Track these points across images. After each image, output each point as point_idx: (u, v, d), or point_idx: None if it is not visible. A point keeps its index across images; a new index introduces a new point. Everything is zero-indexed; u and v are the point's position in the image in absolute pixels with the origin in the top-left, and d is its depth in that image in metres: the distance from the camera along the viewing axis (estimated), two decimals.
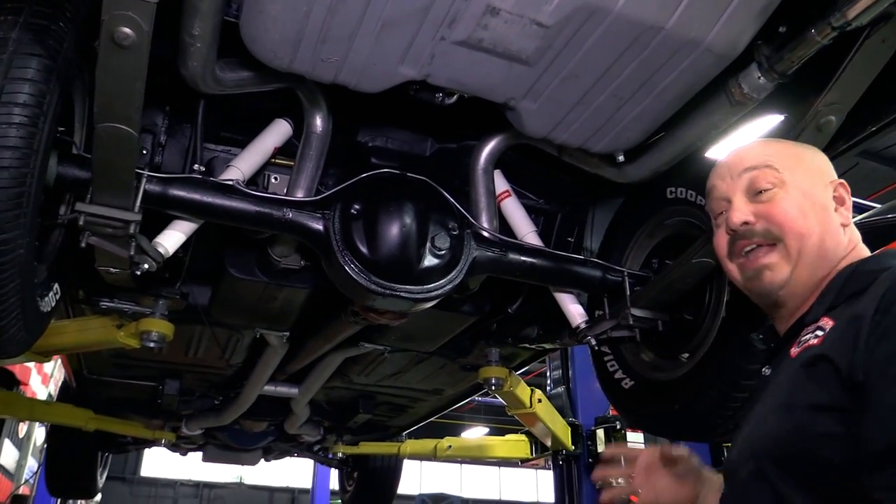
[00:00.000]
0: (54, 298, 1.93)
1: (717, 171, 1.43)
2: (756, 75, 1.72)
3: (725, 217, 1.37)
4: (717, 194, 1.40)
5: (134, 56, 1.39)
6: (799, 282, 1.28)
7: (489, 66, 1.63)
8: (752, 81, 1.73)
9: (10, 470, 11.72)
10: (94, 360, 3.47)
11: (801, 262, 1.27)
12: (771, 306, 1.33)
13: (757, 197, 1.33)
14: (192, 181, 1.91)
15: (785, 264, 1.28)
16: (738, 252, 1.33)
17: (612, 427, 5.20)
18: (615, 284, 2.36)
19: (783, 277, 1.27)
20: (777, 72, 1.69)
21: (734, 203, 1.34)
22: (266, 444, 5.19)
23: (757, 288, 1.31)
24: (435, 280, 2.05)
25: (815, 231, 1.29)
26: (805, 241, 1.28)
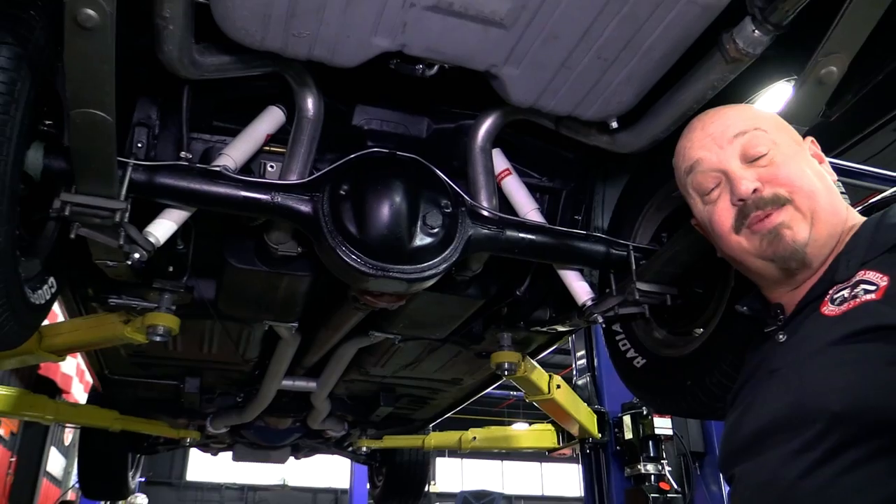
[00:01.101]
0: (49, 292, 1.94)
1: (696, 143, 1.35)
2: (750, 28, 1.63)
3: (723, 188, 1.29)
4: (706, 167, 1.31)
5: (99, 38, 1.38)
6: (820, 240, 1.20)
7: (464, 32, 1.58)
8: (746, 35, 1.64)
9: (58, 477, 12.04)
10: (113, 359, 3.51)
11: (817, 219, 1.20)
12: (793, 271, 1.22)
13: (755, 163, 1.26)
14: (178, 168, 1.90)
15: (801, 220, 1.20)
16: (751, 224, 1.24)
17: (638, 413, 5.10)
18: (621, 259, 2.29)
19: (805, 234, 1.19)
20: (772, 23, 1.60)
21: (734, 172, 1.26)
22: (293, 441, 5.21)
23: (780, 250, 1.20)
24: (429, 259, 2.01)
25: (820, 188, 1.23)
26: (815, 199, 1.21)
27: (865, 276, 1.07)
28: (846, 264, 1.14)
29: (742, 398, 1.27)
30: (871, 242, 1.13)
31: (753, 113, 1.33)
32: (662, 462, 4.95)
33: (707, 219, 1.34)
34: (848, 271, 1.12)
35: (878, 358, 0.97)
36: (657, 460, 4.96)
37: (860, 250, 1.13)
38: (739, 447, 1.19)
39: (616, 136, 2.07)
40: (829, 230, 1.20)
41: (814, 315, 1.15)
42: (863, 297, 1.04)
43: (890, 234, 1.11)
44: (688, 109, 1.92)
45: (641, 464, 4.95)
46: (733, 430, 1.24)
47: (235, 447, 5.42)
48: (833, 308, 1.10)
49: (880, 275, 1.05)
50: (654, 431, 4.95)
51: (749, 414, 1.20)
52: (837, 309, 1.09)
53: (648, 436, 5.01)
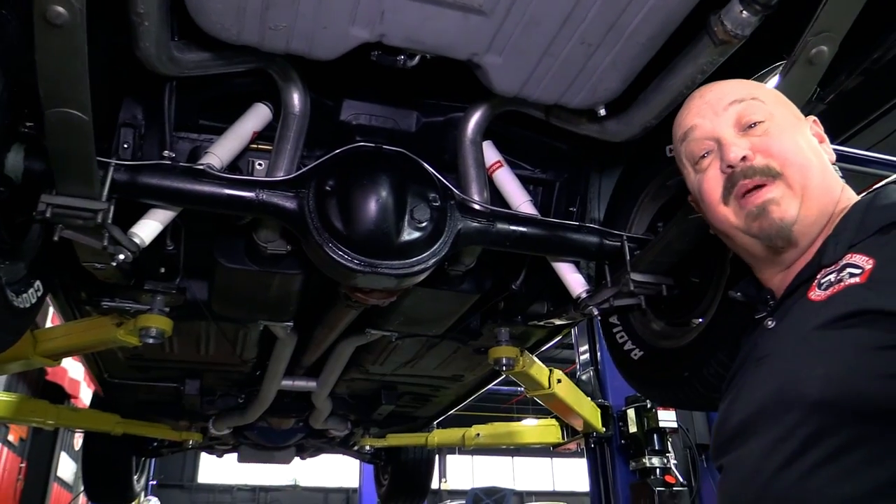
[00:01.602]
0: (35, 295, 1.92)
1: (693, 110, 1.32)
2: (738, 9, 1.60)
3: (714, 156, 1.25)
4: (699, 134, 1.28)
5: (70, 35, 1.35)
6: (809, 218, 1.16)
7: (444, 20, 1.55)
8: (734, 17, 1.61)
9: (69, 482, 12.08)
10: (111, 362, 3.49)
11: (808, 196, 1.16)
12: (780, 250, 1.19)
13: (750, 130, 1.22)
14: (161, 168, 1.88)
15: (791, 197, 1.16)
16: (738, 194, 1.20)
17: (643, 407, 5.05)
18: (615, 250, 2.26)
19: (793, 212, 1.15)
20: (759, 3, 1.57)
21: (726, 138, 1.23)
22: (297, 441, 5.20)
23: (766, 227, 1.17)
24: (417, 254, 1.98)
25: (814, 164, 1.19)
26: (808, 175, 1.17)
27: (852, 260, 1.03)
28: (834, 247, 1.10)
29: (732, 387, 1.24)
30: (859, 224, 1.09)
31: (753, 85, 1.30)
32: (668, 455, 4.90)
33: (697, 188, 1.30)
34: (836, 254, 1.08)
35: (858, 344, 0.94)
36: (662, 454, 4.91)
37: (849, 233, 1.10)
38: (727, 438, 1.15)
39: (606, 124, 2.04)
40: (820, 209, 1.17)
41: (801, 300, 1.11)
42: (847, 281, 1.01)
43: (879, 215, 1.08)
44: (678, 95, 1.88)
45: (646, 457, 4.91)
46: (722, 421, 1.21)
47: (240, 448, 5.41)
48: (819, 293, 1.06)
49: (866, 258, 1.01)
50: (659, 425, 4.90)
51: (737, 403, 1.17)
52: (823, 293, 1.05)
53: (653, 429, 4.96)
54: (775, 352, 1.11)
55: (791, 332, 1.10)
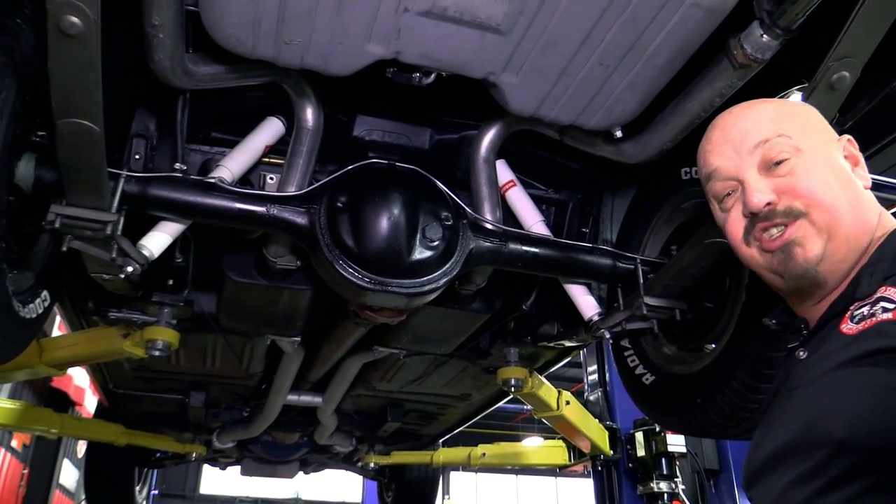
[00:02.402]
0: (42, 305, 1.90)
1: (716, 150, 1.26)
2: (758, 33, 1.57)
3: (738, 197, 1.21)
4: (723, 175, 1.23)
5: (83, 46, 1.34)
6: (836, 257, 1.12)
7: (460, 38, 1.53)
8: (754, 40, 1.58)
9: (71, 489, 12.04)
10: (117, 373, 3.47)
11: (835, 234, 1.12)
12: (807, 289, 1.16)
13: (774, 170, 1.17)
14: (172, 180, 1.86)
15: (815, 237, 1.12)
16: (757, 237, 1.17)
17: (651, 430, 4.99)
18: (628, 273, 2.23)
19: (817, 252, 1.12)
20: (780, 27, 1.54)
21: (749, 182, 1.18)
22: (301, 456, 5.16)
23: (791, 269, 1.14)
24: (428, 273, 1.96)
25: (842, 199, 1.14)
26: (835, 214, 1.12)
27: (886, 293, 0.99)
28: (869, 279, 1.06)
29: (766, 417, 1.21)
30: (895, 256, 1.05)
31: (779, 114, 1.23)
32: (676, 480, 4.83)
33: (722, 226, 1.27)
34: (870, 287, 1.04)
35: (885, 383, 0.90)
36: (670, 478, 4.84)
37: (884, 264, 1.06)
38: (756, 469, 1.12)
39: (621, 145, 2.01)
40: (850, 245, 1.12)
41: (833, 332, 1.07)
42: (880, 316, 0.97)
43: None
44: (695, 118, 1.86)
45: (654, 482, 4.84)
46: (753, 450, 1.17)
47: (243, 461, 5.38)
48: (852, 326, 1.02)
49: None
50: (668, 449, 4.84)
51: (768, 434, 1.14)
52: (855, 327, 1.01)
53: (661, 453, 4.89)
54: (805, 385, 1.08)
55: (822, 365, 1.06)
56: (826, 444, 0.93)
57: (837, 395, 0.97)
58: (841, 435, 0.91)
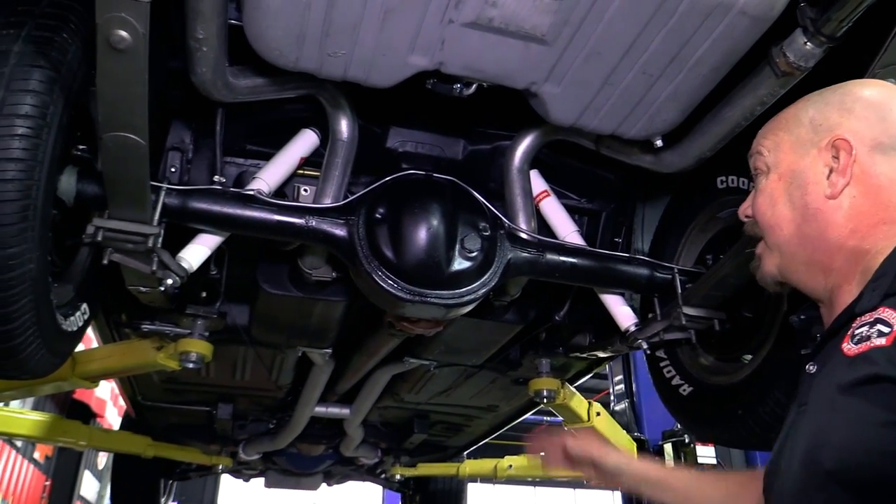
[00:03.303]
0: (82, 318, 1.91)
1: None
2: (801, 41, 1.56)
3: None
4: None
5: (132, 59, 1.35)
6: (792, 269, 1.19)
7: (504, 49, 1.52)
8: (797, 48, 1.57)
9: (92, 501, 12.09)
10: (146, 385, 3.49)
11: (784, 252, 1.19)
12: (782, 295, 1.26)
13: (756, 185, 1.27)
14: (212, 192, 1.87)
15: (769, 255, 1.22)
16: None
17: (680, 441, 4.93)
18: (665, 283, 2.21)
19: (771, 270, 1.22)
20: (825, 35, 1.53)
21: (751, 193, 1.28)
22: (325, 468, 5.15)
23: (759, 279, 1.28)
24: (467, 284, 1.95)
25: (784, 219, 1.17)
26: (775, 233, 1.19)
27: (883, 315, 0.96)
28: (870, 294, 1.03)
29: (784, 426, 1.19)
30: None
31: (772, 124, 1.27)
32: None
33: None
34: (870, 302, 1.01)
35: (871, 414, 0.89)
36: None
37: (887, 279, 1.02)
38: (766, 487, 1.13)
39: (660, 155, 2.00)
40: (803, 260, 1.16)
41: (836, 350, 1.04)
42: (874, 342, 0.94)
43: None
44: (735, 126, 1.85)
45: None
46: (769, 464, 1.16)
47: (267, 473, 5.38)
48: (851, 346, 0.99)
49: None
50: (697, 460, 4.78)
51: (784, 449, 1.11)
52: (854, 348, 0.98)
53: (691, 464, 4.84)
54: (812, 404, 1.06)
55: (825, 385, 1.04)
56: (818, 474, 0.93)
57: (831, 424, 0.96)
58: (828, 466, 0.91)
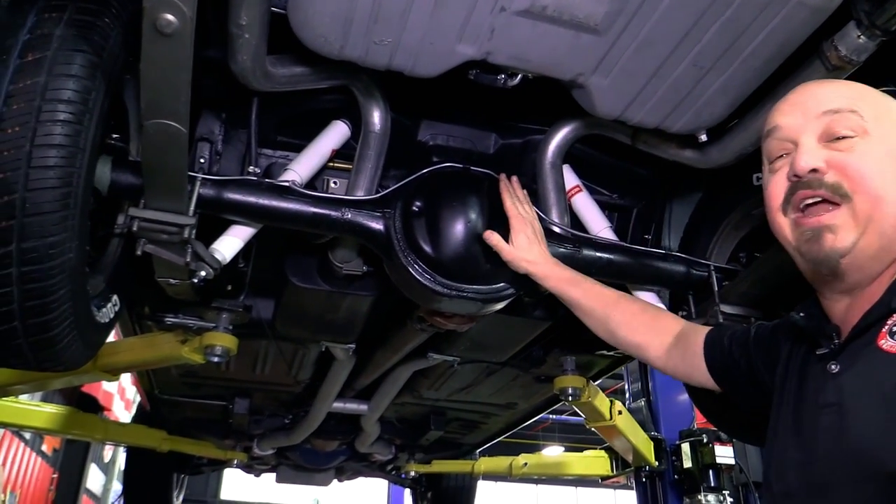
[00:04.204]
0: (113, 310, 1.88)
1: (783, 109, 1.22)
2: (855, 34, 1.53)
3: (787, 160, 1.16)
4: (782, 134, 1.18)
5: (178, 44, 1.32)
6: (866, 252, 1.07)
7: (555, 38, 1.49)
8: (850, 41, 1.54)
9: (97, 494, 12.10)
10: (165, 379, 3.46)
11: (871, 229, 1.07)
12: (825, 277, 1.11)
13: (833, 143, 1.12)
14: (247, 183, 1.84)
15: (851, 228, 1.07)
16: (796, 205, 1.12)
17: (698, 441, 4.90)
18: (700, 280, 2.17)
19: (847, 244, 1.07)
20: (879, 28, 1.50)
21: (802, 144, 1.13)
22: (338, 464, 5.13)
23: (814, 252, 1.10)
24: (503, 279, 1.92)
25: (892, 194, 1.08)
26: (878, 205, 1.07)
27: None
28: None
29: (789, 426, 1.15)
30: None
31: (861, 94, 1.17)
32: (724, 493, 4.75)
33: (764, 188, 1.22)
34: None
35: None
36: (719, 490, 4.76)
37: None
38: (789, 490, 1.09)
39: (701, 150, 1.97)
40: (884, 243, 1.07)
41: (871, 347, 1.01)
42: None
43: None
44: None
45: (702, 494, 4.76)
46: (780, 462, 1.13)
47: (279, 469, 5.36)
48: (891, 343, 0.97)
49: None
50: (716, 460, 4.76)
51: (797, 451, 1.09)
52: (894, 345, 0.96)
53: (709, 465, 4.82)
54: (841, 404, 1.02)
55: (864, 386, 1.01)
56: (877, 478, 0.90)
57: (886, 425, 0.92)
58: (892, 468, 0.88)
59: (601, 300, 1.73)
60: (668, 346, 1.58)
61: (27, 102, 1.34)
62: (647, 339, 1.63)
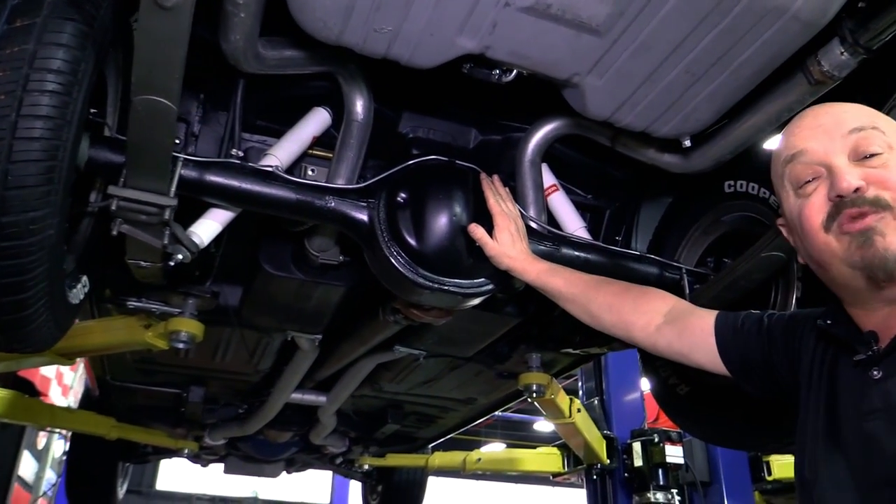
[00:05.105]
0: (82, 291, 1.82)
1: (803, 134, 1.25)
2: (838, 50, 1.58)
3: (821, 183, 1.18)
4: (808, 158, 1.20)
5: (177, 19, 1.28)
6: None
7: (555, 37, 1.50)
8: (833, 57, 1.59)
9: (29, 482, 11.66)
10: (119, 365, 3.36)
11: None
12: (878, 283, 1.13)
13: (866, 161, 1.15)
14: (230, 166, 1.80)
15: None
16: (842, 223, 1.14)
17: (649, 440, 5.02)
18: (673, 282, 2.22)
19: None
20: (862, 46, 1.55)
21: (838, 166, 1.15)
22: (289, 456, 5.07)
23: (869, 256, 1.10)
24: (484, 274, 1.93)
25: None
26: None
27: None
28: None
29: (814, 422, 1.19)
30: None
31: (873, 112, 1.23)
32: (672, 491, 4.87)
33: (797, 213, 1.23)
34: None
35: None
36: (667, 489, 4.88)
37: None
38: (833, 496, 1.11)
39: (680, 155, 2.01)
40: None
41: None
42: None
43: None
44: (759, 131, 1.87)
45: (651, 492, 4.87)
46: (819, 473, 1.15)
47: (228, 459, 5.26)
48: None
49: None
50: (666, 460, 4.88)
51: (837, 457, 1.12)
52: None
53: (658, 464, 4.93)
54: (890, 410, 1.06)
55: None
56: None
57: None
58: None
59: (582, 285, 1.75)
60: (658, 324, 1.59)
61: (14, 70, 1.28)
62: (632, 319, 1.64)
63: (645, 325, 1.62)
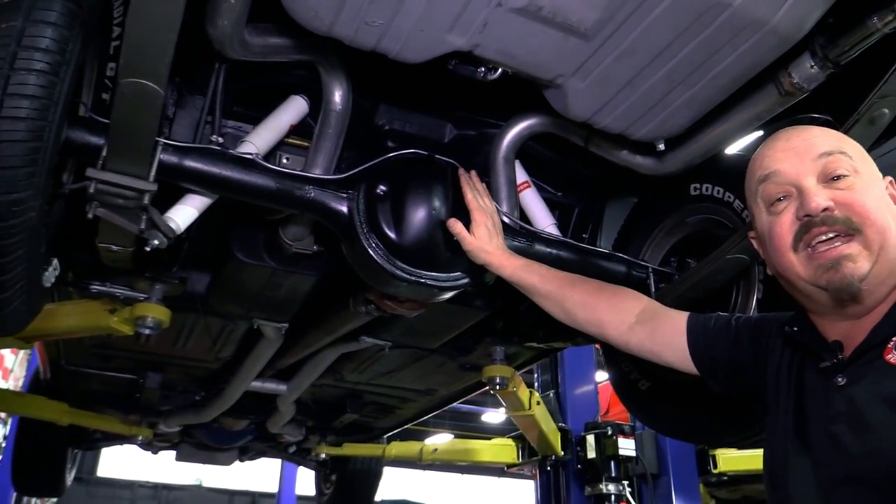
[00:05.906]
0: (54, 274, 1.79)
1: (776, 156, 1.31)
2: (808, 64, 1.66)
3: (791, 202, 1.25)
4: (781, 179, 1.27)
5: (171, 2, 1.27)
6: (878, 278, 1.17)
7: (543, 38, 1.53)
8: (803, 70, 1.67)
9: None
10: (76, 349, 3.29)
11: (882, 257, 1.17)
12: (842, 304, 1.20)
13: (833, 183, 1.22)
14: (210, 152, 1.79)
15: (866, 257, 1.17)
16: (809, 242, 1.21)
17: (603, 433, 5.15)
18: (639, 281, 2.28)
19: (865, 271, 1.16)
20: (831, 61, 1.63)
21: (807, 187, 1.22)
22: (244, 444, 5.02)
23: (837, 281, 1.17)
24: (460, 268, 1.96)
25: (891, 225, 1.20)
26: (885, 236, 1.18)
27: None
28: None
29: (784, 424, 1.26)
30: None
31: (840, 137, 1.31)
32: (623, 483, 5.01)
33: (767, 230, 1.30)
34: None
35: None
36: (619, 480, 5.01)
37: None
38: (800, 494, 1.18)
39: (652, 157, 2.06)
40: (890, 269, 1.18)
41: (878, 362, 1.12)
42: None
43: None
44: (728, 138, 1.94)
45: (603, 483, 5.00)
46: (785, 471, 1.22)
47: (180, 446, 5.19)
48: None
49: None
50: (619, 452, 5.00)
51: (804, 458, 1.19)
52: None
53: (611, 456, 5.06)
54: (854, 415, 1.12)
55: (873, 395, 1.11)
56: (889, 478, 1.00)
57: None
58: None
59: (557, 282, 1.79)
60: (631, 323, 1.64)
61: (1, 48, 1.26)
62: (606, 318, 1.69)
63: (618, 323, 1.67)
